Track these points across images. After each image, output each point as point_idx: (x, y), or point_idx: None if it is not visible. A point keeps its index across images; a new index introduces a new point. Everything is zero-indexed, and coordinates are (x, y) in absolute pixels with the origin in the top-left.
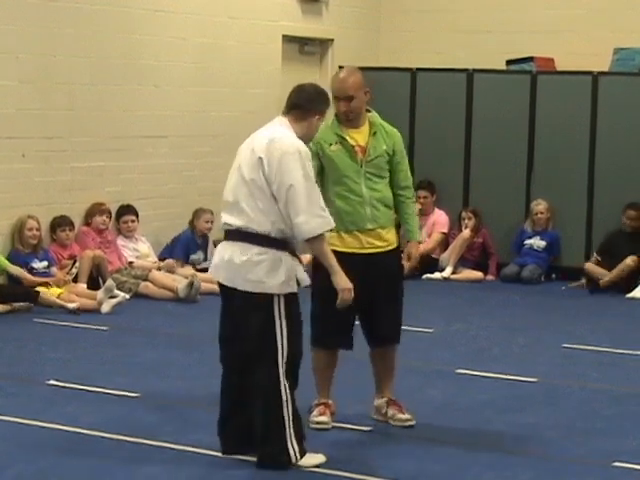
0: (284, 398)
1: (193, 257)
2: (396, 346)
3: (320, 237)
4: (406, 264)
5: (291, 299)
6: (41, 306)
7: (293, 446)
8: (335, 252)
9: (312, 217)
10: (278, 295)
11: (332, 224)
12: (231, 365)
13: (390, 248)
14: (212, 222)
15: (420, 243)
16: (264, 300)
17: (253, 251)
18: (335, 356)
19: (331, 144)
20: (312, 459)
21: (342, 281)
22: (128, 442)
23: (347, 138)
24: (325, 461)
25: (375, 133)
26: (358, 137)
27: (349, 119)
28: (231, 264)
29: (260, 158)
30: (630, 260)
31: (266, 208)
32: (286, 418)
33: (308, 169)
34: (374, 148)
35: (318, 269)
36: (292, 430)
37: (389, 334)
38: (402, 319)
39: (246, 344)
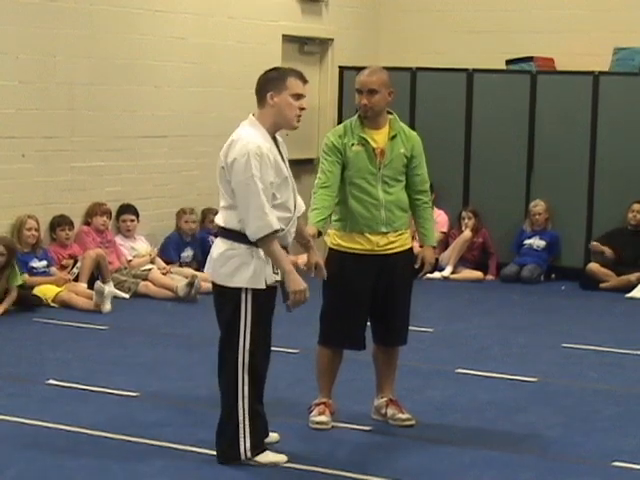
0: (240, 394)
1: (182, 255)
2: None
3: (266, 239)
4: (423, 267)
5: (260, 296)
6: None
7: (245, 442)
8: (347, 253)
9: (253, 220)
10: (246, 289)
11: (273, 227)
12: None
13: (403, 249)
14: (194, 222)
15: (435, 248)
16: (233, 294)
17: (227, 246)
18: (340, 356)
19: (353, 144)
20: (271, 457)
21: (294, 283)
22: (128, 442)
23: (369, 140)
24: (285, 461)
25: (394, 137)
26: (378, 139)
27: (367, 115)
28: (211, 258)
29: (222, 165)
30: (634, 277)
31: (235, 206)
32: (240, 413)
33: (254, 170)
34: (392, 151)
35: (328, 266)
36: (246, 427)
37: (399, 335)
38: (410, 320)
39: (220, 337)
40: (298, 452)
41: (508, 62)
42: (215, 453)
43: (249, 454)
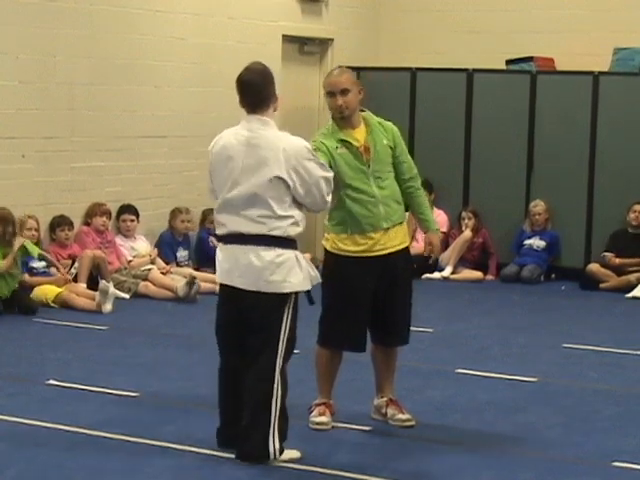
0: (274, 395)
1: (177, 255)
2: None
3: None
4: (430, 253)
5: (297, 299)
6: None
7: (274, 443)
8: (348, 257)
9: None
10: (294, 293)
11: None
12: (235, 362)
13: (402, 247)
14: (189, 221)
15: (438, 231)
16: (284, 299)
17: (274, 253)
18: (339, 357)
19: (337, 147)
20: (289, 454)
21: None
22: (128, 442)
23: (351, 141)
24: (300, 457)
25: (373, 131)
26: (359, 137)
27: (344, 115)
28: (251, 268)
29: (277, 176)
30: (634, 278)
31: (286, 213)
32: (273, 415)
33: (321, 160)
34: (375, 145)
35: (327, 267)
36: (276, 427)
37: (398, 335)
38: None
39: (252, 340)
40: None
41: (508, 62)
42: (240, 451)
43: (278, 454)
